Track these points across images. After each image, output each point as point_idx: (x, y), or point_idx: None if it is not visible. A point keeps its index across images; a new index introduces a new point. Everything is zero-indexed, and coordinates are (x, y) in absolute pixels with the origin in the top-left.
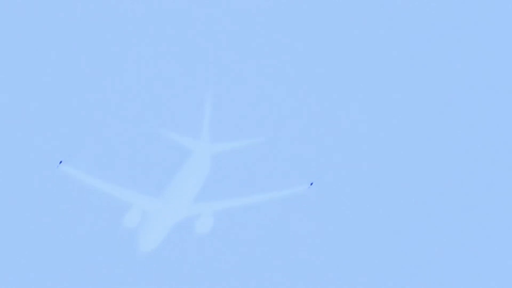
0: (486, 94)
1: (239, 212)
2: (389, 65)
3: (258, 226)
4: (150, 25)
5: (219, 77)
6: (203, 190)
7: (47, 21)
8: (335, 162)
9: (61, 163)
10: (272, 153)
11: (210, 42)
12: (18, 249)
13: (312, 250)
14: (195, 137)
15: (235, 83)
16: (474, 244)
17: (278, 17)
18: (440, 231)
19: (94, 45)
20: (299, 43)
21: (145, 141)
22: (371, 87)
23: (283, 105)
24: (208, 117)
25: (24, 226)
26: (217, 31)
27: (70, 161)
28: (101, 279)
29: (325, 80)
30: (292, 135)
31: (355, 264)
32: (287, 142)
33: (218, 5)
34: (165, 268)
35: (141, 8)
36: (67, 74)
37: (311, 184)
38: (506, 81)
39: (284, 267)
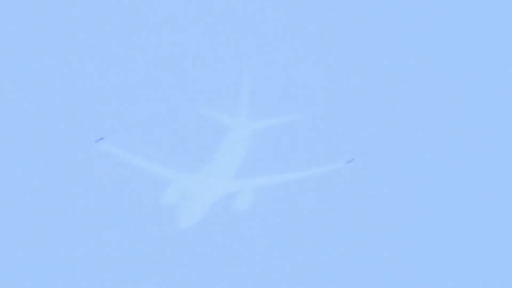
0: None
1: (278, 189)
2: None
3: (298, 203)
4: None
5: (259, 53)
6: (242, 166)
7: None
8: (376, 139)
9: (100, 140)
10: (312, 130)
11: (248, 16)
12: (60, 225)
13: (352, 227)
14: (235, 114)
15: (275, 59)
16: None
17: None
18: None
19: (130, 23)
20: (342, 17)
21: (185, 118)
22: (413, 64)
23: (324, 81)
24: (247, 94)
25: (64, 203)
26: (256, 3)
27: (109, 138)
28: (142, 255)
29: (368, 55)
30: (333, 111)
31: (398, 241)
32: (328, 119)
33: None
34: (205, 244)
35: None
36: (105, 49)
37: (351, 160)
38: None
39: (323, 244)
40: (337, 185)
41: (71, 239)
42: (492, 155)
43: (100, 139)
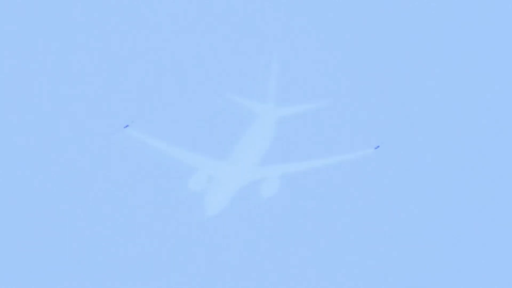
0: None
1: (305, 175)
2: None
3: (324, 190)
4: None
5: (285, 40)
6: (268, 153)
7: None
8: (402, 126)
9: (127, 127)
10: (339, 117)
11: (277, 5)
12: (88, 211)
13: (378, 215)
14: (261, 100)
15: (301, 46)
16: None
17: None
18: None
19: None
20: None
21: (211, 105)
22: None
23: (351, 68)
24: (274, 80)
25: (92, 189)
26: None
27: (135, 125)
28: (168, 242)
29: (394, 43)
30: (359, 98)
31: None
32: (354, 105)
33: None
34: (231, 231)
35: None
36: (132, 38)
37: (377, 147)
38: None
39: (350, 232)
40: (363, 172)
41: (99, 223)
42: None
43: (127, 126)
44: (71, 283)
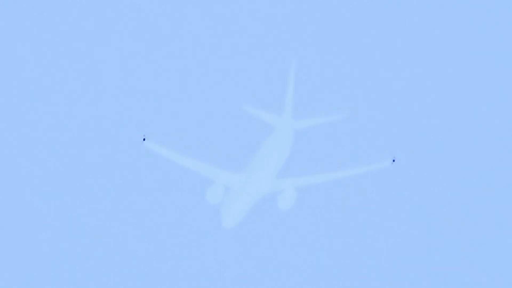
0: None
1: (322, 188)
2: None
3: (341, 202)
4: None
5: (303, 52)
6: (286, 166)
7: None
8: (419, 139)
9: (145, 140)
10: (356, 129)
11: (293, 16)
12: (104, 223)
13: (395, 227)
14: (278, 113)
15: (319, 58)
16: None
17: None
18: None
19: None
20: (387, 19)
21: (228, 117)
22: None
23: (367, 81)
24: (291, 93)
25: (110, 201)
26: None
27: (153, 137)
28: (183, 253)
29: (410, 58)
30: (375, 111)
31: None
32: (370, 118)
33: None
34: (247, 244)
35: None
36: (149, 52)
37: (393, 160)
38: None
39: (367, 245)
40: (380, 184)
41: (118, 232)
42: None
43: (145, 139)
44: None
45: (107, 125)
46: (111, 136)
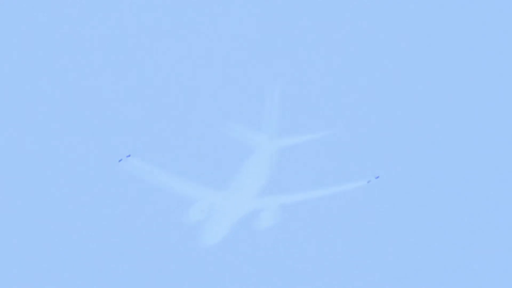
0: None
1: (303, 206)
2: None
3: (322, 220)
4: (212, 14)
5: (285, 71)
6: (268, 184)
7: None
8: (400, 158)
9: (128, 157)
10: (337, 148)
11: (276, 34)
12: (85, 242)
13: (375, 245)
14: (260, 131)
15: (300, 77)
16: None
17: (348, 7)
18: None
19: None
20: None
21: (211, 135)
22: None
23: (349, 99)
24: (273, 111)
25: (92, 220)
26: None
27: (136, 155)
28: (166, 272)
29: (394, 72)
30: (357, 129)
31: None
32: (352, 137)
33: None
34: (229, 262)
35: None
36: (131, 66)
37: (377, 177)
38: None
39: (348, 262)
40: (361, 202)
41: (97, 253)
42: None
43: (128, 156)
44: None
45: (90, 145)
46: (92, 152)
